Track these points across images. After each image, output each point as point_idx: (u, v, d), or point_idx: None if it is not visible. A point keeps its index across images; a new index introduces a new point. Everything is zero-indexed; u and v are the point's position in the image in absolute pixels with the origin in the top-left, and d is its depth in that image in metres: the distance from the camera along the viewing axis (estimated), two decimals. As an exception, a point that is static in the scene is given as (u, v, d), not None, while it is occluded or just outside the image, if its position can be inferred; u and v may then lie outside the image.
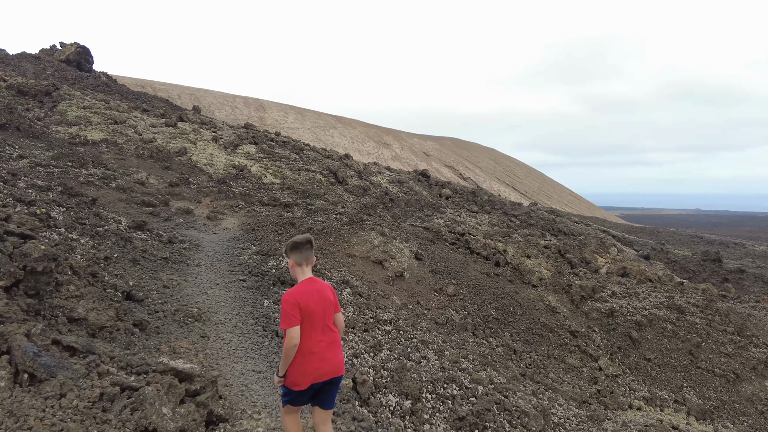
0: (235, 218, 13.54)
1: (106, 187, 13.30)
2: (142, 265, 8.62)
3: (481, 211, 23.51)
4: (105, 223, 9.59)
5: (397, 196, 21.88)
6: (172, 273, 8.81)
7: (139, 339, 5.68)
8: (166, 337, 6.28)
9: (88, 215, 9.47)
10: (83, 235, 8.51)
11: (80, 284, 5.89)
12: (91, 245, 8.26)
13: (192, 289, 8.28)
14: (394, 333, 9.58)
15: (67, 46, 25.71)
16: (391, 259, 12.96)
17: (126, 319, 5.92)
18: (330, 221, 13.65)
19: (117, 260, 8.26)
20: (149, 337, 6.02)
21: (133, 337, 5.50)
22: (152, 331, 6.24)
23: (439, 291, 12.88)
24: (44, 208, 8.14)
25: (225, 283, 8.80)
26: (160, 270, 8.77)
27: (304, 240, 3.71)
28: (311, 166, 22.00)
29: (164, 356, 5.16)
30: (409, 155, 35.19)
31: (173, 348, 5.97)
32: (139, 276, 8.10)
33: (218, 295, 8.32)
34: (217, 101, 34.68)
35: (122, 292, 6.88)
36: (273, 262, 10.35)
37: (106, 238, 8.87)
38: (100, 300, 5.97)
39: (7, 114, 15.08)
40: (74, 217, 8.96)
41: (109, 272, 7.66)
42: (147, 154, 17.41)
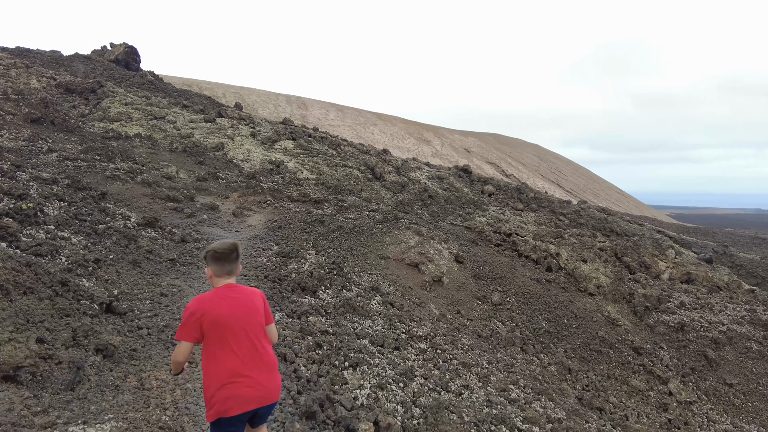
0: (262, 215, 12.10)
1: (131, 182, 12.15)
2: (143, 268, 7.22)
3: (527, 209, 21.25)
4: (110, 219, 8.28)
5: (436, 193, 19.98)
6: (175, 277, 7.37)
7: (93, 372, 4.16)
8: (139, 365, 4.76)
9: (92, 211, 8.19)
10: (78, 233, 7.19)
11: (24, 300, 4.44)
12: (84, 245, 6.91)
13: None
14: (430, 353, 7.79)
15: (117, 47, 25.27)
16: (429, 261, 11.15)
17: (85, 343, 4.43)
18: (362, 219, 11.98)
19: (112, 262, 6.88)
20: (115, 367, 4.51)
21: (82, 373, 3.98)
22: (123, 356, 4.73)
23: (483, 299, 10.97)
24: (32, 203, 6.85)
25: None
26: (162, 274, 7.35)
27: (227, 249, 2.87)
28: (348, 162, 20.45)
29: (107, 411, 3.61)
30: (449, 152, 33.10)
31: (141, 382, 4.44)
32: (134, 282, 6.68)
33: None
34: (260, 99, 33.78)
35: (100, 304, 5.43)
36: (294, 265, 8.77)
37: (106, 236, 7.53)
38: (53, 318, 4.51)
39: (42, 108, 14.29)
40: (73, 213, 7.68)
41: (96, 278, 6.28)
42: (180, 149, 16.32)
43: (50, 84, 20.30)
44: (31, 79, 20.29)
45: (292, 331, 6.42)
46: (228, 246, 2.92)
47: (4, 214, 6.42)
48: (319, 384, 5.49)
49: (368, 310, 8.19)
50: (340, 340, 6.74)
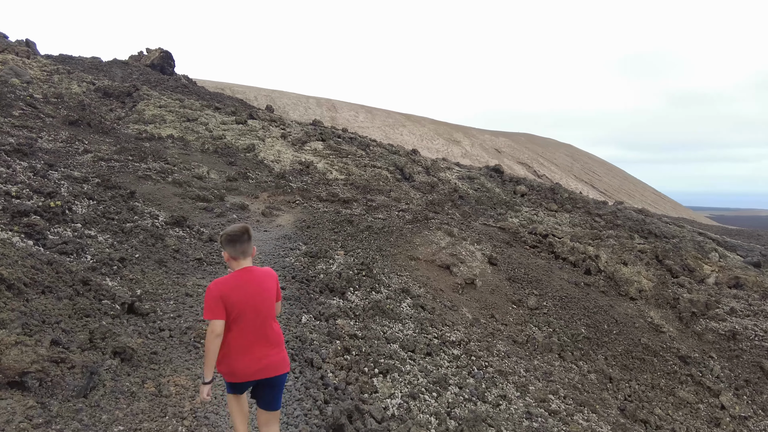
0: (291, 215, 11.83)
1: (162, 181, 12.09)
2: (168, 267, 6.99)
3: (561, 210, 20.38)
4: (138, 218, 8.11)
5: (466, 193, 19.38)
6: (202, 277, 7.10)
7: (109, 377, 3.87)
8: (158, 370, 4.46)
9: (120, 209, 8.04)
10: (105, 231, 7.02)
11: (42, 299, 4.19)
12: (110, 244, 6.72)
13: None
14: (464, 359, 7.28)
15: (152, 52, 25.70)
16: (461, 263, 10.62)
17: (103, 346, 4.15)
18: (391, 219, 11.55)
19: (137, 261, 6.67)
20: (132, 371, 4.21)
21: (96, 378, 3.68)
22: (142, 360, 4.44)
23: (518, 303, 10.36)
24: (60, 201, 6.71)
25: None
26: (188, 273, 7.10)
27: (239, 231, 3.08)
28: (377, 162, 20.08)
29: (120, 421, 3.29)
30: (479, 152, 32.33)
31: (159, 389, 4.12)
32: (159, 281, 6.44)
33: (249, 306, 6.48)
34: (291, 102, 33.86)
35: (122, 304, 5.18)
36: (322, 266, 8.40)
37: (133, 235, 7.34)
38: (71, 318, 4.26)
39: (79, 111, 14.46)
40: (101, 212, 7.53)
41: (121, 277, 6.05)
42: (212, 150, 16.29)
43: (89, 88, 20.74)
44: (72, 84, 20.77)
45: (320, 334, 6.04)
46: (239, 228, 3.12)
47: (33, 211, 6.28)
48: (347, 392, 5.08)
49: (398, 314, 7.74)
50: (369, 345, 6.32)
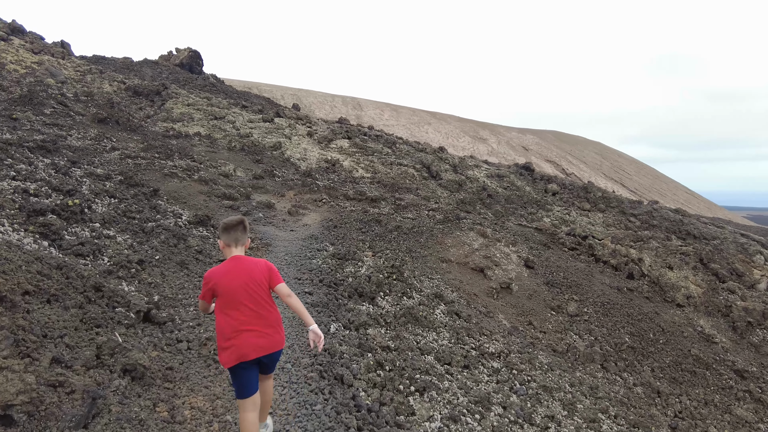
0: (317, 213, 11.28)
1: (188, 179, 11.70)
2: (190, 269, 6.49)
3: (594, 209, 19.32)
4: (161, 217, 7.66)
5: (496, 192, 18.52)
6: (225, 280, 6.61)
7: (116, 400, 3.33)
8: (173, 389, 3.91)
9: (142, 208, 7.59)
10: (124, 231, 6.56)
11: (46, 310, 3.69)
12: (129, 244, 6.26)
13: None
14: (505, 373, 6.56)
15: (181, 51, 25.61)
16: (495, 266, 9.87)
17: (111, 363, 3.62)
18: (421, 218, 10.87)
19: (158, 263, 6.18)
20: (144, 392, 3.67)
21: (100, 403, 3.15)
22: (155, 377, 3.90)
23: (557, 309, 9.55)
24: (78, 199, 6.28)
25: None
26: (211, 276, 6.60)
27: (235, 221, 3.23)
28: (404, 160, 19.40)
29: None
30: (506, 150, 31.27)
31: (173, 413, 3.57)
32: (180, 285, 5.94)
33: (274, 313, 5.93)
34: (317, 101, 33.46)
35: (137, 312, 4.67)
36: (351, 268, 7.80)
37: (154, 235, 6.88)
38: (77, 331, 3.74)
39: (108, 108, 14.25)
40: (122, 210, 7.09)
41: (139, 280, 5.57)
42: (238, 147, 15.91)
43: (120, 87, 20.69)
44: (104, 84, 20.75)
45: (350, 346, 5.42)
46: (236, 219, 3.25)
47: (50, 210, 5.85)
48: (381, 415, 4.45)
49: (432, 321, 7.07)
50: (403, 358, 5.68)
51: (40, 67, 19.91)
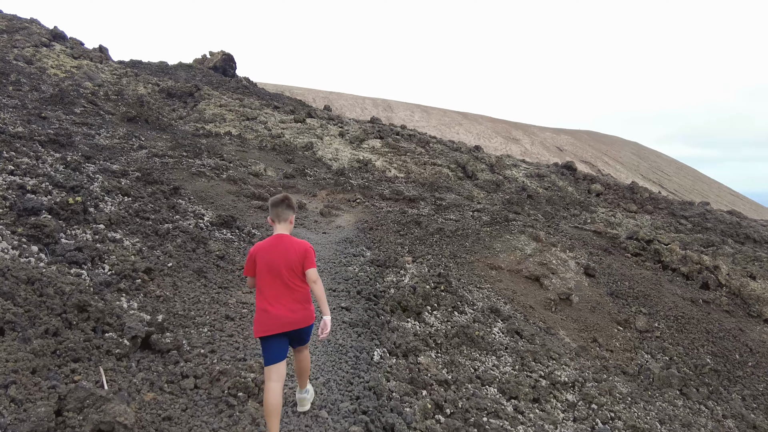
0: (351, 214, 10.08)
1: (216, 178, 10.70)
2: (208, 278, 5.35)
3: (641, 210, 17.48)
4: (180, 217, 6.58)
5: (536, 192, 16.92)
6: (249, 292, 5.43)
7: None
8: (168, 454, 2.71)
9: (159, 207, 6.53)
10: (134, 234, 5.48)
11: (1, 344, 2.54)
12: (138, 249, 5.16)
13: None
14: (583, 408, 5.15)
15: (215, 55, 24.99)
16: (552, 274, 8.42)
17: (78, 422, 2.45)
18: (465, 220, 9.50)
19: (170, 272, 5.06)
20: (123, 464, 2.48)
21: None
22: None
23: (625, 324, 8.02)
24: (81, 197, 5.22)
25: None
26: (232, 287, 5.43)
27: (279, 199, 3.25)
28: (438, 160, 18.04)
29: None
30: (540, 150, 29.44)
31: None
32: (194, 298, 4.79)
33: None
34: (348, 103, 32.45)
35: (133, 338, 3.52)
36: (392, 277, 6.52)
37: (169, 238, 5.78)
38: (32, 374, 2.59)
39: (137, 107, 13.48)
40: (135, 210, 6.02)
41: (145, 293, 4.44)
42: (270, 147, 14.90)
43: (154, 89, 20.11)
44: (138, 86, 20.20)
45: (399, 381, 4.14)
46: (280, 196, 3.28)
47: (47, 209, 4.81)
48: (447, 485, 3.14)
49: (490, 342, 5.72)
50: (465, 395, 4.36)
51: (79, 71, 19.48)
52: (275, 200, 3.26)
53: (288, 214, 3.23)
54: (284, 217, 3.22)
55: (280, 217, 3.22)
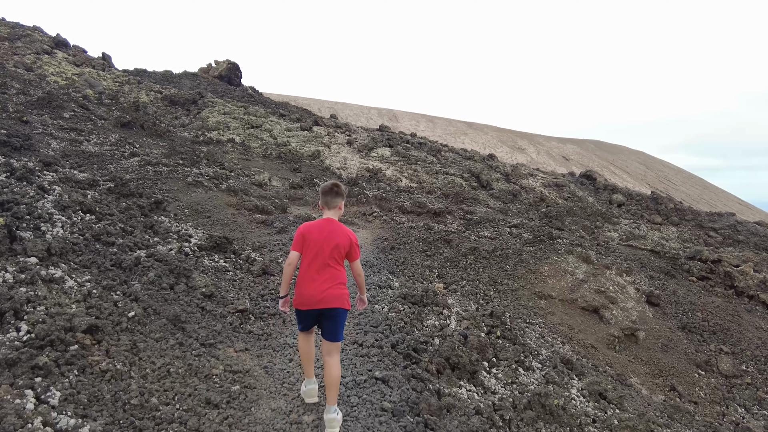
0: (368, 230, 8.35)
1: (215, 189, 8.97)
2: (188, 331, 3.61)
3: (667, 222, 15.75)
4: (159, 240, 4.84)
5: (555, 203, 15.21)
6: (243, 348, 3.67)
7: None
8: None
9: (132, 228, 4.79)
10: (85, 268, 3.74)
11: None
12: (85, 293, 3.42)
13: (264, 413, 3.01)
14: None
15: (220, 63, 23.41)
16: (611, 304, 6.66)
17: None
18: (503, 238, 7.75)
19: (132, 325, 3.31)
20: None
21: None
22: None
23: (706, 366, 6.25)
24: (3, 219, 3.50)
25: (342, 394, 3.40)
26: (221, 341, 3.68)
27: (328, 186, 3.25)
28: (450, 169, 16.35)
29: None
30: (546, 159, 27.78)
31: None
32: (161, 370, 3.04)
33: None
34: (353, 113, 30.86)
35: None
36: (433, 319, 4.76)
37: (137, 271, 4.04)
38: None
39: (132, 112, 11.81)
40: (95, 233, 4.28)
41: (80, 370, 2.71)
42: (275, 155, 13.21)
43: (157, 97, 18.51)
44: (141, 94, 18.57)
45: None
46: (330, 184, 3.26)
47: (-51, 237, 3.07)
48: None
49: (574, 416, 3.95)
50: None
51: (80, 78, 17.85)
52: (325, 188, 3.26)
53: (337, 202, 3.25)
54: (333, 204, 3.24)
55: (330, 204, 3.24)
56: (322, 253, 3.03)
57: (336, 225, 3.15)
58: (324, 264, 3.02)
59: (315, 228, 3.11)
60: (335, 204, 3.21)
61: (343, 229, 3.16)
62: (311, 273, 3.01)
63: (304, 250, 3.04)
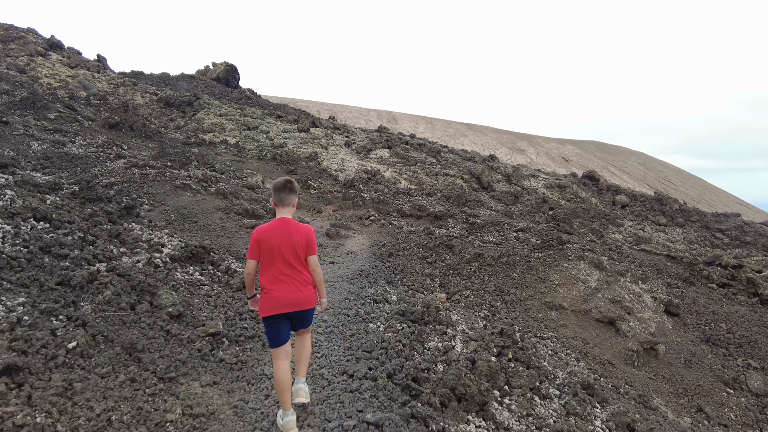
0: (365, 235, 7.69)
1: (203, 192, 8.32)
2: (144, 362, 2.94)
3: (672, 223, 15.11)
4: (126, 251, 4.18)
5: (558, 204, 14.55)
6: (211, 381, 3.02)
7: None
8: None
9: (94, 237, 4.14)
10: (21, 288, 3.08)
11: None
12: (13, 320, 2.76)
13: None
14: None
15: (218, 66, 22.79)
16: (627, 315, 6.00)
17: None
18: (509, 243, 7.09)
19: (72, 359, 2.67)
20: None
21: None
22: None
23: (734, 384, 5.59)
24: None
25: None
26: (188, 372, 3.02)
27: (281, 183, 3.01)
28: (450, 170, 15.71)
29: None
30: (545, 161, 27.12)
31: None
32: (100, 420, 2.39)
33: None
34: (352, 115, 30.21)
35: None
36: (436, 341, 4.09)
37: (90, 290, 3.38)
38: None
39: (121, 112, 11.16)
40: (44, 245, 3.63)
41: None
42: (270, 157, 12.55)
43: (152, 99, 17.88)
44: (135, 95, 17.94)
45: None
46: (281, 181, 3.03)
47: None
48: None
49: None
50: None
51: (74, 80, 17.22)
52: (278, 184, 3.03)
53: (291, 199, 3.03)
54: (287, 202, 3.02)
55: (284, 201, 3.02)
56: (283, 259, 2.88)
57: (291, 224, 2.98)
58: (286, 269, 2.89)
59: (269, 231, 2.91)
60: (289, 201, 3.01)
61: (298, 227, 2.99)
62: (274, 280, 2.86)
63: (261, 256, 2.88)
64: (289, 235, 2.91)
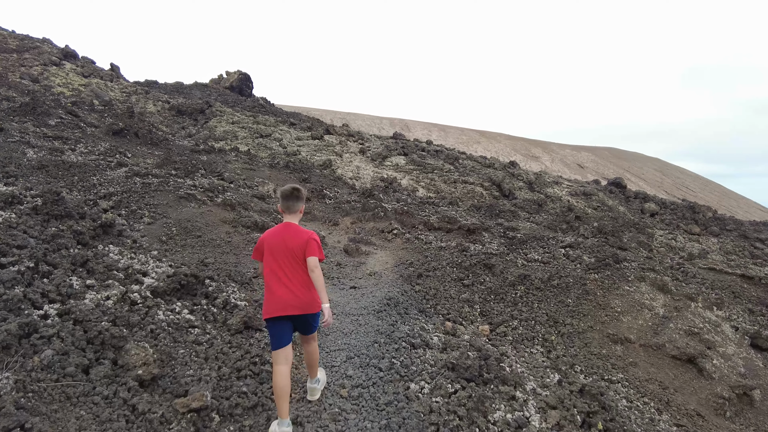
0: (388, 252, 6.55)
1: (209, 203, 7.26)
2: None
3: (706, 233, 13.69)
4: (91, 285, 3.10)
5: (584, 213, 13.28)
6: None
7: None
8: None
9: (53, 265, 3.07)
10: None
11: None
12: None
13: None
14: None
15: (231, 74, 22.00)
16: (708, 349, 4.78)
17: None
18: (557, 262, 5.88)
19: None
20: None
21: None
22: None
23: None
24: None
25: None
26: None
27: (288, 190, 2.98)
28: (469, 177, 14.52)
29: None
30: (560, 167, 25.79)
31: None
32: None
33: None
34: (365, 123, 29.25)
35: None
36: (502, 410, 2.95)
37: (21, 350, 2.32)
38: None
39: (126, 118, 10.24)
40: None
41: None
42: (282, 164, 11.53)
43: (164, 107, 17.06)
44: (148, 104, 17.14)
45: None
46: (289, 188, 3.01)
47: None
48: None
49: None
50: None
51: (87, 89, 16.46)
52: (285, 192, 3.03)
53: (298, 206, 3.03)
54: (294, 209, 3.02)
55: (291, 208, 3.01)
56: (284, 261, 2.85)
57: (293, 228, 2.95)
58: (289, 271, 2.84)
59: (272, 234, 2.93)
60: (296, 208, 3.00)
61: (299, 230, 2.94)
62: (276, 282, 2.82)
63: (265, 257, 2.89)
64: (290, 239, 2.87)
